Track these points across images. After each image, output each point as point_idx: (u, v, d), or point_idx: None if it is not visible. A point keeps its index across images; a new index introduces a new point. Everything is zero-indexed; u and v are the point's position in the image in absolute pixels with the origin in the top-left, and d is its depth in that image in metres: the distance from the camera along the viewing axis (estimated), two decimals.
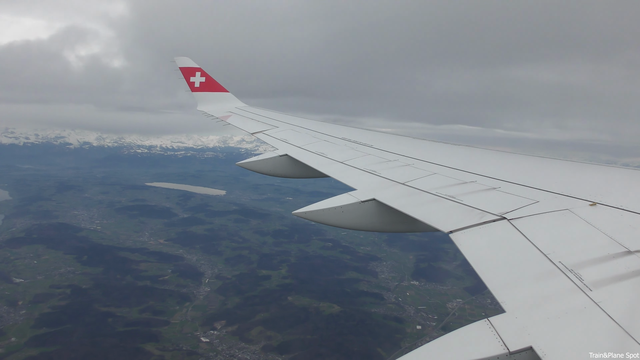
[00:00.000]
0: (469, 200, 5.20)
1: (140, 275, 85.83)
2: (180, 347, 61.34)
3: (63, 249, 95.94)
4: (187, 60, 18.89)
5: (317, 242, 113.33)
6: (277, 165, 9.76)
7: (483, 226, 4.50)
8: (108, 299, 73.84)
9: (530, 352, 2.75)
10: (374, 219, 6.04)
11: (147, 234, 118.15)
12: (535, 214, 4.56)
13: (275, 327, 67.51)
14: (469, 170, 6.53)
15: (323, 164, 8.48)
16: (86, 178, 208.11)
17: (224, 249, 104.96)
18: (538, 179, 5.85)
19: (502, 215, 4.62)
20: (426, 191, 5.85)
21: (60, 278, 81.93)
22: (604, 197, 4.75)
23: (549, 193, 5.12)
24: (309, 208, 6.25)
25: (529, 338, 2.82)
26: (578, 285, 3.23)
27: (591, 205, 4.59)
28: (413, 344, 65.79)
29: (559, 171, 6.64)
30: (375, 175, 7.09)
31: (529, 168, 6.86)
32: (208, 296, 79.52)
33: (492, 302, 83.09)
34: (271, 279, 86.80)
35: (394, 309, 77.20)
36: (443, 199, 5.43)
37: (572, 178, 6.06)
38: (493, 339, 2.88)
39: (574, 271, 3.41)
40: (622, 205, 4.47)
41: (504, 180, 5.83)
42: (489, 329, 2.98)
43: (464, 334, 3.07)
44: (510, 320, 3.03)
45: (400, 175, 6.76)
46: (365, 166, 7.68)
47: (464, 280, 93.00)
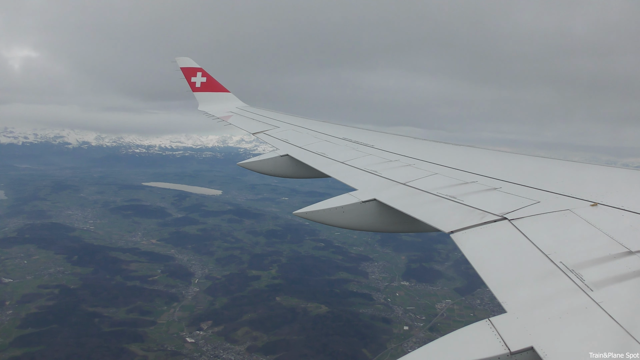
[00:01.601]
0: (470, 201, 5.21)
1: (130, 276, 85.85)
2: (165, 348, 61.31)
3: (54, 249, 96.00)
4: (188, 61, 18.95)
5: (309, 243, 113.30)
6: (278, 165, 9.79)
7: (484, 226, 4.50)
8: (96, 299, 73.85)
9: (531, 352, 2.74)
10: (374, 219, 6.06)
11: (139, 234, 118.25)
12: (536, 214, 4.55)
13: (262, 327, 67.46)
14: (470, 171, 6.53)
15: (324, 164, 8.51)
16: (83, 178, 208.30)
17: (216, 249, 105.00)
18: (539, 179, 5.85)
19: (503, 215, 4.62)
20: (427, 191, 5.86)
21: (50, 278, 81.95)
22: (605, 197, 4.73)
23: (550, 193, 5.11)
24: (310, 208, 6.22)
25: (530, 338, 2.81)
26: (579, 286, 3.23)
27: (592, 205, 4.57)
28: (399, 344, 65.77)
29: (560, 171, 6.58)
30: (376, 175, 7.10)
31: (530, 168, 6.83)
32: (197, 296, 79.51)
33: (481, 302, 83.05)
34: (261, 279, 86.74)
35: (382, 309, 77.09)
36: (444, 199, 5.44)
37: (573, 178, 6.03)
38: (494, 339, 2.87)
39: (575, 271, 3.41)
40: (623, 206, 4.45)
41: (505, 180, 5.84)
42: (489, 329, 2.98)
43: (464, 334, 3.07)
44: (511, 321, 3.04)
45: (401, 176, 6.76)
46: (366, 166, 7.68)
47: (455, 281, 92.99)
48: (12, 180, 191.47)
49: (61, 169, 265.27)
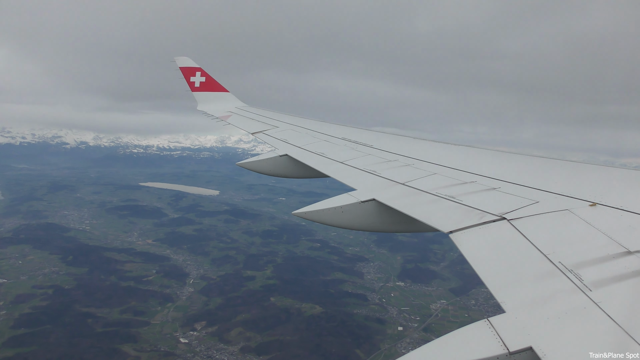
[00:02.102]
0: (469, 201, 5.21)
1: (125, 276, 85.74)
2: (158, 348, 61.24)
3: (49, 249, 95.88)
4: (187, 60, 18.91)
5: (305, 243, 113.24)
6: (277, 165, 9.81)
7: (483, 226, 4.50)
8: (89, 300, 73.76)
9: (530, 352, 2.74)
10: (373, 219, 6.06)
11: (135, 234, 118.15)
12: (535, 214, 4.56)
13: (256, 328, 67.44)
14: (469, 171, 6.55)
15: (323, 163, 8.53)
16: (80, 178, 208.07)
17: (211, 250, 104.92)
18: (538, 179, 5.86)
19: (502, 215, 4.62)
20: (426, 191, 5.87)
21: (44, 278, 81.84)
22: (604, 197, 4.73)
23: (549, 193, 5.12)
24: (309, 208, 6.21)
25: (528, 338, 2.81)
26: (578, 286, 3.22)
27: (591, 205, 4.57)
28: (393, 345, 65.79)
29: (559, 171, 6.60)
30: (375, 175, 7.10)
31: (529, 168, 6.87)
32: (191, 297, 79.43)
33: (476, 303, 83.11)
34: (255, 279, 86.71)
35: (377, 310, 77.09)
36: (443, 199, 5.45)
37: (572, 178, 6.05)
38: (493, 339, 2.87)
39: (573, 271, 3.41)
40: (621, 206, 4.45)
41: (504, 180, 5.85)
42: (488, 329, 2.98)
43: (464, 334, 3.06)
44: (510, 321, 3.03)
45: (400, 176, 6.77)
46: (365, 166, 7.70)
47: (450, 282, 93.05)
48: (8, 180, 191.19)
49: (58, 169, 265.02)
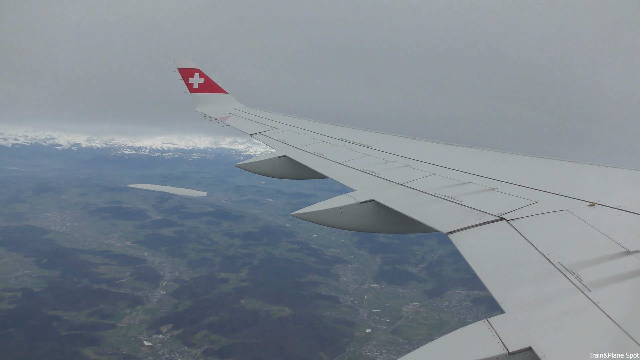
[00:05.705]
0: (468, 201, 5.23)
1: (97, 279, 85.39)
2: (120, 351, 60.99)
3: (24, 251, 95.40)
4: (185, 61, 18.88)
5: (285, 245, 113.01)
6: (276, 166, 9.83)
7: (482, 227, 4.52)
8: (58, 303, 73.44)
9: (529, 352, 2.75)
10: (372, 220, 6.07)
11: (115, 236, 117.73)
12: (534, 215, 4.57)
13: (221, 330, 67.21)
14: (468, 171, 6.57)
15: (322, 165, 8.52)
16: (68, 180, 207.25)
17: (189, 252, 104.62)
18: (537, 179, 5.88)
19: (501, 215, 4.63)
20: (425, 192, 5.88)
21: (15, 281, 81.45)
22: (603, 197, 4.75)
23: (547, 193, 5.13)
24: (308, 209, 6.20)
25: (528, 338, 2.82)
26: (577, 286, 3.23)
27: (590, 205, 4.59)
28: (358, 347, 65.65)
29: (558, 172, 6.61)
30: (374, 176, 7.10)
31: (528, 168, 6.87)
32: (162, 299, 79.13)
33: (449, 305, 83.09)
34: (229, 282, 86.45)
35: (347, 312, 76.91)
36: (442, 200, 5.46)
37: (571, 178, 6.07)
38: (492, 340, 2.88)
39: (573, 272, 3.42)
40: (620, 206, 4.47)
41: (502, 180, 5.87)
42: (488, 329, 2.98)
43: (463, 335, 3.07)
44: (509, 321, 3.04)
45: (399, 176, 6.79)
46: (364, 167, 7.71)
47: (426, 283, 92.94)
48: None
49: (48, 171, 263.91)
